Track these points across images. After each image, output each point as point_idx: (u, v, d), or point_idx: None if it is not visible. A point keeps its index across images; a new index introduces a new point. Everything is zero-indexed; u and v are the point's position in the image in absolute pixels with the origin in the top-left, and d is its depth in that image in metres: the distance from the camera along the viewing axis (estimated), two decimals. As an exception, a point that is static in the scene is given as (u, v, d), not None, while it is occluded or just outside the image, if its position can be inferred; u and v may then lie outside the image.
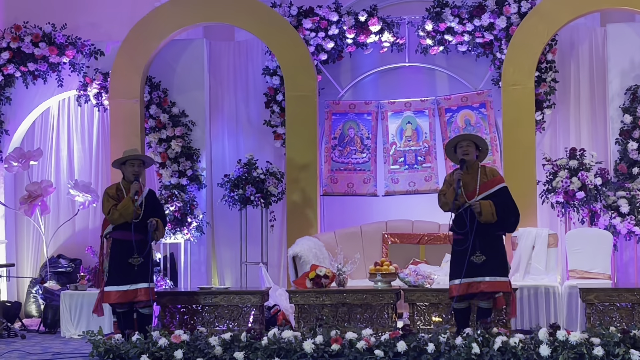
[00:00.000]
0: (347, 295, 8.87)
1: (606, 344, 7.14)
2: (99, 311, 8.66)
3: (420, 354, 7.26)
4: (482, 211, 7.83)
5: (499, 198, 7.97)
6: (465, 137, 8.19)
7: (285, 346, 7.42)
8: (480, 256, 7.85)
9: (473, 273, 7.85)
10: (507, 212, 7.99)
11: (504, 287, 7.91)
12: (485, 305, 8.01)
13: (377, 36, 11.40)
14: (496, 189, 8.01)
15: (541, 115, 11.17)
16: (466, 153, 8.05)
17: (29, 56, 11.40)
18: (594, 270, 9.87)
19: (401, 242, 10.72)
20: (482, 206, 7.84)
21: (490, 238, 7.92)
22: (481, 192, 7.97)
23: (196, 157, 11.50)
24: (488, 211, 7.85)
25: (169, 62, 11.64)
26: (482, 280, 7.83)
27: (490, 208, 7.87)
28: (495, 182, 8.04)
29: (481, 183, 8.00)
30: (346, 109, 11.67)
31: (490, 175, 8.07)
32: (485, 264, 7.84)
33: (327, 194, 11.57)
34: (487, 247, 7.88)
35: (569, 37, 11.48)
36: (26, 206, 11.12)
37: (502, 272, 7.92)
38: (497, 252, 7.95)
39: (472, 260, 7.84)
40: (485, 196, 7.95)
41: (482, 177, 8.02)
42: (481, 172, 8.06)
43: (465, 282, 7.84)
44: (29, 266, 11.96)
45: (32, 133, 12.08)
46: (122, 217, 8.38)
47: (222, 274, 11.82)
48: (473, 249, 7.84)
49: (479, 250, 7.84)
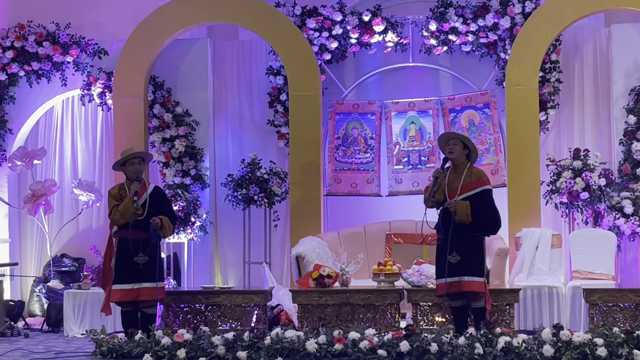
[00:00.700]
0: (350, 295, 8.86)
1: (609, 344, 7.14)
2: (107, 310, 8.65)
3: (423, 354, 7.26)
4: (456, 210, 7.89)
5: (478, 200, 7.97)
6: (454, 136, 8.23)
7: (288, 346, 7.42)
8: (455, 256, 7.93)
9: (450, 272, 7.96)
10: (484, 215, 8.01)
11: (479, 287, 7.93)
12: (476, 305, 8.03)
13: (381, 36, 11.40)
14: (478, 191, 8.02)
15: (545, 115, 11.16)
16: (451, 151, 8.13)
17: (33, 55, 11.41)
18: (597, 271, 9.86)
19: (404, 242, 10.72)
20: (457, 205, 7.90)
21: (467, 239, 7.95)
22: (462, 193, 8.01)
23: (200, 156, 11.50)
24: (462, 211, 7.90)
25: (173, 62, 11.64)
26: (459, 279, 7.90)
27: (466, 209, 7.90)
28: (479, 184, 8.05)
29: (464, 183, 8.03)
30: (350, 109, 11.66)
31: (475, 177, 8.09)
32: (460, 264, 7.93)
33: (330, 193, 11.56)
34: (463, 248, 7.94)
35: (573, 38, 11.46)
36: (30, 205, 11.13)
37: (477, 273, 7.95)
38: (473, 253, 7.98)
39: (449, 259, 7.94)
40: (466, 197, 7.97)
41: (466, 178, 8.06)
42: (467, 173, 8.08)
43: (448, 281, 7.93)
44: (33, 265, 11.97)
45: (36, 132, 12.09)
46: (122, 217, 8.38)
47: (225, 274, 11.82)
48: (450, 249, 7.90)
49: (455, 251, 7.91)
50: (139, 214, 8.38)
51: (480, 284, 7.95)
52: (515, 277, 9.97)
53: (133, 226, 8.37)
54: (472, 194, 7.99)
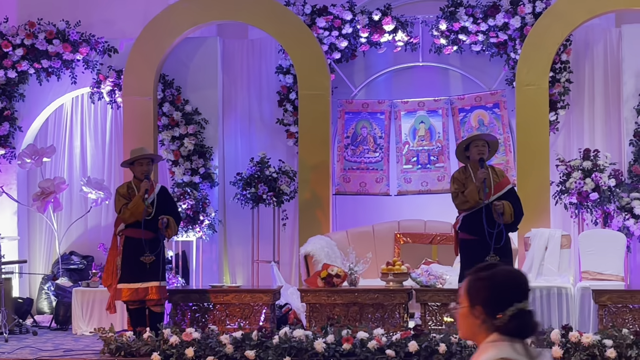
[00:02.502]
0: (358, 295, 8.85)
1: (619, 345, 7.12)
2: (112, 308, 8.67)
3: (431, 354, 7.25)
4: (504, 211, 7.86)
5: (509, 199, 8.00)
6: (481, 137, 8.21)
7: (297, 345, 7.42)
8: (495, 257, 7.85)
9: None
10: (518, 212, 8.06)
11: None
12: None
13: (391, 35, 11.38)
14: (507, 190, 8.07)
15: (555, 115, 11.13)
16: (482, 152, 8.08)
17: (43, 53, 11.42)
18: (606, 272, 9.83)
19: (413, 242, 10.70)
20: (504, 206, 7.88)
21: (502, 239, 7.94)
22: (495, 192, 8.00)
23: (209, 155, 11.50)
24: (508, 212, 7.93)
25: (183, 60, 11.65)
26: None
27: (510, 209, 7.93)
28: (505, 183, 8.12)
29: (495, 183, 8.02)
30: (359, 108, 11.64)
31: (501, 176, 8.14)
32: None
33: (339, 193, 11.55)
34: (501, 249, 7.90)
35: (583, 38, 11.43)
36: (39, 203, 11.14)
37: None
38: (508, 253, 7.99)
39: (486, 260, 7.81)
40: (499, 196, 7.98)
41: (494, 178, 8.05)
42: (492, 173, 8.08)
43: None
44: (41, 263, 11.99)
45: (46, 130, 12.10)
46: (133, 216, 8.39)
47: (233, 272, 11.81)
48: (489, 250, 7.85)
49: (493, 251, 7.85)
50: (150, 212, 8.40)
51: None
52: (524, 277, 9.93)
53: (137, 225, 8.39)
54: (502, 194, 8.01)
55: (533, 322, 2.87)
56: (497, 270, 2.90)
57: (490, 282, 2.87)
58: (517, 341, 2.83)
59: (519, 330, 2.84)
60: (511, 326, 2.83)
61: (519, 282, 2.89)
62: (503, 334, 2.84)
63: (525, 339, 2.85)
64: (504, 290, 2.85)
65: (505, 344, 2.82)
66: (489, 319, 2.85)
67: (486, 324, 2.86)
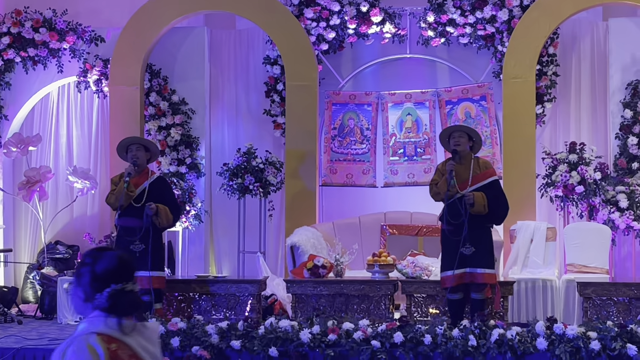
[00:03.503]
0: (344, 286, 8.86)
1: (603, 338, 7.14)
2: None
3: (416, 346, 7.26)
4: (474, 202, 7.88)
5: (490, 190, 8.01)
6: (458, 128, 8.24)
7: (282, 335, 7.42)
8: (469, 247, 7.90)
9: (463, 264, 7.92)
10: (498, 205, 8.08)
11: (491, 279, 7.97)
12: (478, 297, 8.04)
13: (379, 27, 11.38)
14: (488, 182, 8.05)
15: (542, 108, 11.16)
16: (458, 144, 8.11)
17: (29, 41, 11.37)
18: (591, 265, 9.87)
19: (399, 234, 10.71)
20: (475, 197, 7.89)
21: (480, 230, 7.97)
22: (474, 184, 8.01)
23: (195, 145, 11.48)
24: (480, 203, 7.92)
25: (170, 50, 11.61)
26: (472, 271, 7.90)
27: (483, 200, 7.93)
28: (487, 175, 8.08)
29: (474, 174, 8.04)
30: (346, 100, 11.65)
31: (484, 167, 8.12)
32: (474, 256, 7.92)
33: (326, 184, 11.56)
34: (476, 239, 7.93)
35: (570, 31, 11.45)
36: (24, 192, 11.10)
37: (490, 264, 8.00)
38: (486, 244, 8.00)
39: (462, 251, 7.91)
40: (478, 188, 7.99)
41: (475, 169, 8.06)
42: (474, 164, 8.09)
43: (457, 273, 7.90)
44: (27, 252, 11.95)
45: (32, 119, 12.06)
46: (116, 200, 8.39)
47: (219, 263, 11.81)
48: (464, 240, 7.89)
49: (468, 242, 7.89)
50: (131, 195, 8.37)
51: (492, 276, 8.01)
52: (509, 269, 9.98)
53: (128, 213, 8.36)
54: (483, 185, 8.01)
55: (132, 301, 3.23)
56: (100, 254, 3.26)
57: (92, 266, 3.23)
58: (113, 317, 3.19)
59: (116, 308, 3.20)
60: (109, 304, 3.19)
61: (119, 265, 3.23)
62: (102, 311, 3.20)
63: (125, 316, 3.21)
64: (104, 273, 3.21)
65: (99, 319, 3.20)
66: (90, 298, 3.22)
67: (89, 302, 3.23)
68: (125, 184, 8.35)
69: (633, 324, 7.35)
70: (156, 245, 8.50)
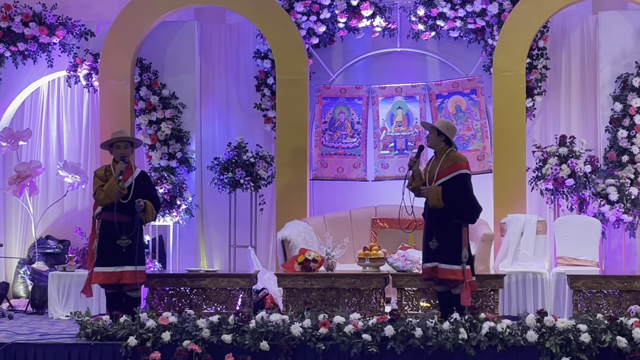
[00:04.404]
0: (335, 280, 8.87)
1: (593, 330, 7.17)
2: (88, 292, 8.66)
3: (407, 339, 7.27)
4: (428, 195, 7.98)
5: (452, 184, 7.99)
6: (427, 126, 8.31)
7: (273, 329, 7.42)
8: (434, 242, 8.00)
9: (429, 258, 8.09)
10: (457, 199, 7.99)
11: (452, 274, 7.97)
12: (455, 292, 8.05)
13: (369, 21, 11.38)
14: (453, 176, 8.02)
15: (532, 102, 11.18)
16: (427, 140, 8.24)
17: (19, 36, 11.33)
18: (582, 258, 9.90)
19: (390, 227, 10.72)
20: (428, 191, 7.98)
21: (446, 226, 7.99)
22: (439, 178, 8.06)
23: (186, 139, 11.47)
24: (433, 196, 7.99)
25: (160, 44, 11.59)
26: (436, 266, 8.00)
27: (437, 194, 7.96)
28: (454, 168, 8.03)
29: (441, 169, 8.06)
30: (337, 94, 11.65)
31: (452, 162, 8.06)
32: (438, 250, 8.01)
33: (316, 178, 11.56)
34: (441, 235, 7.99)
35: (560, 24, 11.47)
36: (15, 187, 11.08)
37: (452, 261, 7.99)
38: (450, 240, 8.00)
39: (429, 245, 8.05)
40: (442, 182, 8.02)
41: (443, 163, 8.07)
42: (445, 158, 8.08)
43: (428, 266, 8.09)
44: (17, 247, 11.94)
45: (22, 113, 12.03)
46: (107, 197, 8.36)
47: (210, 257, 11.81)
48: (430, 235, 8.00)
49: (434, 237, 7.97)
50: (124, 193, 8.37)
51: (455, 272, 7.97)
52: (500, 262, 10.00)
53: (114, 208, 8.36)
54: (447, 179, 8.02)
55: None
56: None
57: None
58: None
59: None
60: None
61: None
62: None
63: None
64: None
65: None
66: None
67: None
68: (120, 182, 8.34)
69: (623, 316, 7.38)
70: (141, 241, 8.54)
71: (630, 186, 10.46)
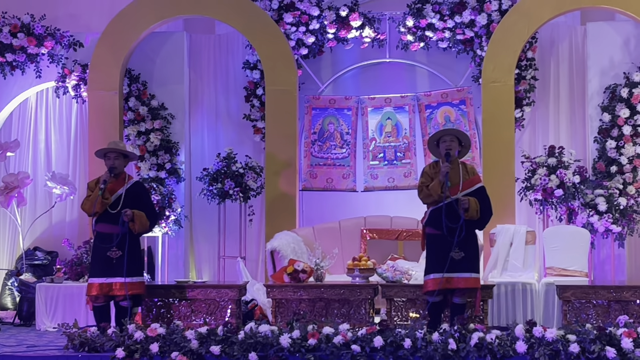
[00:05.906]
0: (324, 290, 8.85)
1: (582, 340, 7.17)
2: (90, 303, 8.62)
3: (396, 350, 7.26)
4: (469, 207, 7.91)
5: (479, 196, 8.05)
6: (449, 132, 8.23)
7: (262, 340, 7.40)
8: (459, 252, 7.91)
9: (452, 269, 7.93)
10: (486, 211, 8.13)
11: (477, 283, 8.03)
12: (460, 301, 8.06)
13: (358, 31, 11.40)
14: (477, 187, 8.11)
15: (521, 112, 11.20)
16: (450, 148, 8.09)
17: (7, 47, 11.30)
18: (571, 268, 9.90)
19: (379, 238, 10.71)
20: (470, 202, 7.92)
21: (468, 235, 7.98)
22: (464, 189, 8.04)
23: (175, 150, 11.45)
24: (474, 208, 7.97)
25: (149, 55, 11.58)
26: (460, 276, 7.91)
27: (476, 205, 7.97)
28: (476, 180, 8.15)
29: (464, 180, 8.06)
30: (326, 104, 11.65)
31: (472, 173, 8.18)
32: (463, 260, 7.92)
33: (306, 188, 11.55)
34: (465, 244, 7.95)
35: (549, 35, 11.51)
36: (2, 198, 11.04)
37: (477, 269, 8.08)
38: (473, 249, 8.05)
39: (452, 255, 7.92)
40: (468, 193, 8.02)
41: (464, 174, 8.08)
42: (463, 169, 8.12)
43: (445, 277, 7.93)
44: (5, 258, 11.89)
45: (10, 124, 12.00)
46: (91, 206, 8.35)
47: (199, 268, 11.78)
48: (452, 245, 7.90)
49: (457, 247, 7.90)
50: (106, 203, 8.34)
51: (478, 280, 8.07)
52: (489, 273, 9.99)
53: (104, 220, 8.33)
54: (472, 191, 8.05)
55: None
56: None
57: None
58: None
59: None
60: None
61: None
62: None
63: None
64: None
65: None
66: None
67: None
68: (101, 191, 8.32)
69: (612, 326, 7.38)
70: (133, 251, 8.47)
71: (618, 196, 10.48)
